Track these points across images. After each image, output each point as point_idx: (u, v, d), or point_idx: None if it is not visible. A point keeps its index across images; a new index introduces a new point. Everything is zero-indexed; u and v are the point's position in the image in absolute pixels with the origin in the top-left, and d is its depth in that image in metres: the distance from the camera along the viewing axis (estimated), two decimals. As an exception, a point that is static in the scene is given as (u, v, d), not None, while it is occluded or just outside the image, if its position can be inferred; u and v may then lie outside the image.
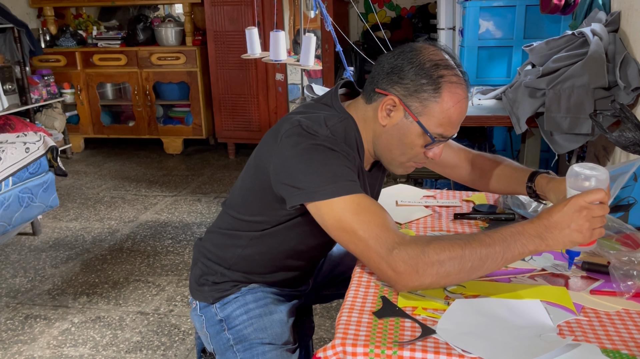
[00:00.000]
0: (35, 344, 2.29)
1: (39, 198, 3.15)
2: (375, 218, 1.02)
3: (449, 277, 0.98)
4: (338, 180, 1.05)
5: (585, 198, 0.96)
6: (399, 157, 1.18)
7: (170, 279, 2.80)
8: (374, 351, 0.91)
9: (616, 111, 1.53)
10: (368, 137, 1.20)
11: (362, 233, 1.01)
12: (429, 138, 1.13)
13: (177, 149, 5.16)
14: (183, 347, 2.24)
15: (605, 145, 2.24)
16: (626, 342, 0.92)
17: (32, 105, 4.57)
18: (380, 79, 1.15)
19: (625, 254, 1.11)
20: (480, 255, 0.97)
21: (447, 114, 1.10)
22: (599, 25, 2.12)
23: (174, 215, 3.68)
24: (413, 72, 1.10)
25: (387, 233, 1.00)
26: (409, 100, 1.11)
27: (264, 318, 1.26)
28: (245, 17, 4.61)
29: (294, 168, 1.08)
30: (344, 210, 1.03)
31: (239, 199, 1.28)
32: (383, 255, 0.99)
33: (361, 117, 1.19)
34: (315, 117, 1.16)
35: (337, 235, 1.06)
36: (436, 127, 1.11)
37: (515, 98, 2.25)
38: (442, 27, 4.06)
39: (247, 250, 1.29)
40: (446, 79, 1.10)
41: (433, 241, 0.99)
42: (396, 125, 1.14)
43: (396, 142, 1.16)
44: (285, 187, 1.10)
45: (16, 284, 2.80)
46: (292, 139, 1.10)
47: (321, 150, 1.08)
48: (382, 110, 1.14)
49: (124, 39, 5.06)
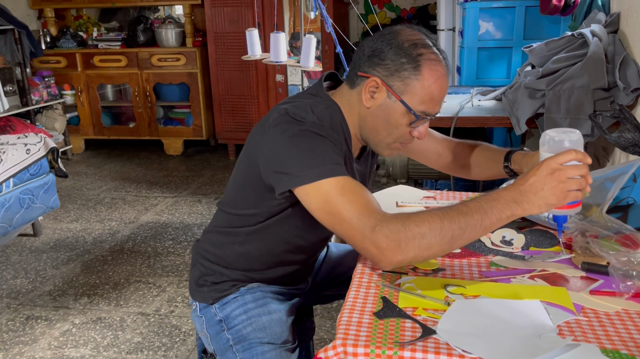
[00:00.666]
0: (36, 345, 2.30)
1: (39, 200, 3.15)
2: (358, 198, 1.04)
3: (431, 249, 1.00)
4: (324, 164, 1.07)
5: (556, 159, 0.97)
6: (385, 137, 1.20)
7: (171, 280, 2.81)
8: (375, 351, 0.92)
9: (615, 112, 1.54)
10: (354, 121, 1.22)
11: (346, 213, 1.03)
12: (413, 117, 1.15)
13: (177, 150, 5.17)
14: (184, 348, 2.24)
15: (605, 146, 2.24)
16: (626, 342, 0.93)
17: (32, 106, 4.57)
18: (361, 63, 1.18)
19: (624, 254, 1.12)
20: (460, 225, 0.99)
21: (428, 91, 1.13)
22: (598, 26, 2.13)
23: (175, 216, 3.69)
24: (392, 53, 1.13)
25: (370, 212, 1.02)
26: (391, 80, 1.14)
27: (262, 317, 1.26)
28: (246, 18, 4.62)
29: (282, 154, 1.11)
30: (329, 193, 1.05)
31: (232, 194, 1.30)
32: (366, 234, 1.01)
33: (346, 103, 1.22)
34: (301, 104, 1.18)
35: (323, 218, 1.08)
36: (419, 105, 1.14)
37: (515, 99, 2.25)
38: (442, 28, 4.07)
39: (244, 246, 1.29)
40: (425, 57, 1.13)
41: (413, 215, 1.01)
42: (380, 106, 1.17)
43: (382, 122, 1.18)
44: (274, 175, 1.13)
45: (17, 285, 2.81)
46: (279, 127, 1.13)
47: (308, 135, 1.11)
48: (365, 93, 1.17)
49: (124, 40, 5.06)
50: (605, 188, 1.29)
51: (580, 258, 1.22)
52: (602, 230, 1.22)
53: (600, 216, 1.25)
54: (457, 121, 2.29)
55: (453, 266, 1.21)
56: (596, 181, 1.33)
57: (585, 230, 1.24)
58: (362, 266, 1.21)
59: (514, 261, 1.22)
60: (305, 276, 1.45)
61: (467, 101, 2.54)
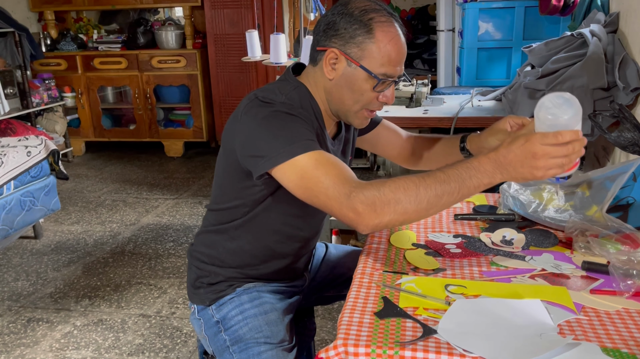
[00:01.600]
0: (37, 347, 2.30)
1: (40, 202, 3.16)
2: (332, 169, 1.07)
3: (407, 214, 1.02)
4: (296, 140, 1.10)
5: (543, 141, 0.96)
6: (353, 106, 1.22)
7: (172, 281, 2.81)
8: (376, 351, 0.92)
9: (615, 111, 1.54)
10: (322, 97, 1.25)
11: (322, 185, 1.06)
12: (375, 80, 1.17)
13: (178, 152, 5.17)
14: (185, 349, 2.24)
15: (604, 146, 2.24)
16: (626, 341, 0.93)
17: (33, 109, 4.58)
18: (319, 38, 1.21)
19: (625, 253, 1.12)
20: (436, 192, 1.01)
21: (385, 52, 1.16)
22: (597, 26, 2.13)
23: (175, 217, 3.69)
24: (345, 22, 1.17)
25: (344, 181, 1.05)
26: (347, 47, 1.17)
27: (259, 317, 1.27)
28: (245, 20, 4.62)
29: (255, 138, 1.14)
30: (304, 168, 1.08)
31: (216, 190, 1.33)
32: (342, 201, 1.04)
33: (312, 82, 1.25)
34: (270, 88, 1.23)
35: (301, 194, 1.10)
36: (379, 68, 1.17)
37: (515, 99, 2.25)
38: (442, 29, 4.08)
39: (235, 241, 1.31)
40: (376, 20, 1.16)
41: (388, 181, 1.03)
42: (342, 75, 1.19)
43: (346, 91, 1.20)
44: (250, 159, 1.16)
45: (18, 287, 2.81)
46: (251, 112, 1.16)
47: (279, 115, 1.14)
48: (326, 66, 1.20)
49: (124, 42, 5.07)
50: (605, 188, 1.29)
51: (580, 257, 1.22)
52: (602, 229, 1.22)
53: (600, 215, 1.25)
54: (457, 121, 2.29)
55: (453, 266, 1.21)
56: (596, 180, 1.33)
57: (586, 229, 1.24)
58: (363, 267, 1.21)
59: (515, 261, 1.22)
60: (302, 271, 1.45)
61: (467, 101, 2.54)
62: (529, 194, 1.39)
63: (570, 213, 1.33)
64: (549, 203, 1.36)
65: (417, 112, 2.47)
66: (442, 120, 2.35)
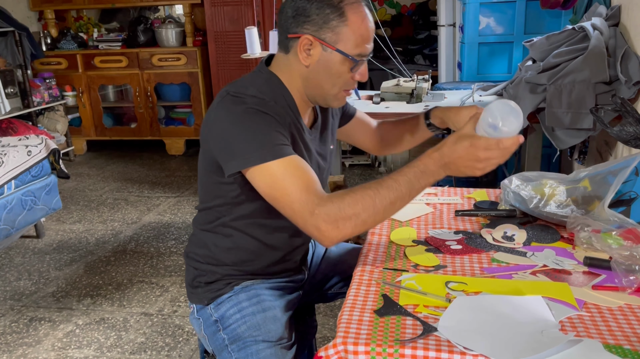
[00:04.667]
0: (40, 346, 2.30)
1: (41, 201, 3.16)
2: (298, 181, 1.10)
3: (366, 224, 1.10)
4: (267, 145, 1.12)
5: (486, 147, 1.04)
6: (331, 89, 1.23)
7: (173, 280, 2.81)
8: (376, 349, 0.91)
9: (617, 105, 1.53)
10: (297, 85, 1.24)
11: (288, 199, 1.11)
12: (352, 62, 1.19)
13: (179, 150, 5.17)
14: (187, 348, 2.24)
15: (607, 140, 2.23)
16: (629, 337, 0.92)
17: (34, 108, 4.58)
18: (288, 25, 1.20)
19: (627, 249, 1.11)
20: (390, 200, 1.08)
21: (359, 33, 1.17)
22: (599, 19, 2.12)
23: (177, 215, 3.69)
24: (315, 7, 1.16)
25: (308, 197, 1.09)
26: (322, 33, 1.17)
27: (257, 315, 1.26)
28: (245, 17, 4.61)
29: (227, 136, 1.15)
30: (273, 176, 1.11)
31: (200, 190, 1.34)
32: (307, 218, 1.09)
33: (285, 70, 1.24)
34: (240, 82, 1.23)
35: (270, 200, 1.14)
36: (354, 49, 1.18)
37: (516, 94, 2.24)
38: (443, 24, 4.06)
39: (226, 239, 1.31)
40: (346, 2, 1.16)
41: (347, 196, 1.09)
42: (319, 61, 1.19)
43: (324, 76, 1.21)
44: (222, 157, 1.17)
45: (20, 287, 2.81)
46: (222, 110, 1.17)
47: (251, 114, 1.14)
48: (301, 52, 1.19)
49: (124, 40, 5.06)
50: (608, 182, 1.28)
51: (582, 252, 1.21)
52: (605, 224, 1.21)
53: (602, 210, 1.24)
54: (458, 117, 2.28)
55: (454, 262, 1.20)
56: (598, 175, 1.32)
57: (588, 225, 1.23)
58: (363, 264, 1.20)
59: (516, 257, 1.21)
60: (299, 265, 1.44)
61: (468, 96, 2.53)
62: (530, 189, 1.38)
63: (572, 208, 1.32)
64: (550, 199, 1.35)
65: (418, 107, 2.46)
66: (443, 115, 2.33)
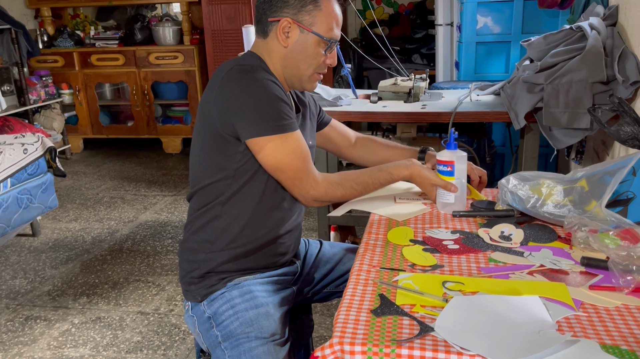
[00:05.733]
0: (35, 345, 2.29)
1: (37, 199, 3.14)
2: (302, 163, 1.29)
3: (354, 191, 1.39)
4: (278, 119, 1.24)
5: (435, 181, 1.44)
6: (307, 70, 1.35)
7: (170, 279, 2.80)
8: (372, 349, 0.91)
9: (615, 105, 1.52)
10: (277, 67, 1.36)
11: (291, 174, 1.29)
12: (326, 43, 1.33)
13: (176, 148, 5.16)
14: (184, 347, 2.24)
15: (604, 140, 2.23)
16: (626, 338, 0.92)
17: (30, 106, 4.56)
18: (267, 10, 1.32)
19: (624, 249, 1.10)
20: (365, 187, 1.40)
21: (332, 17, 1.32)
22: (596, 19, 2.11)
23: (174, 214, 3.68)
24: None
25: (308, 177, 1.30)
26: (299, 16, 1.30)
27: (249, 311, 1.26)
28: (243, 16, 4.60)
29: (239, 103, 1.24)
30: (283, 153, 1.25)
31: (196, 172, 1.36)
32: (303, 194, 1.32)
33: (266, 54, 1.35)
34: (239, 59, 1.35)
35: (271, 172, 1.29)
36: (327, 32, 1.32)
37: (514, 93, 2.24)
38: (440, 23, 4.06)
39: (222, 219, 1.32)
40: None
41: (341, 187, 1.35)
42: (297, 42, 1.32)
43: (301, 56, 1.33)
44: (236, 123, 1.24)
45: (16, 285, 2.80)
46: (231, 79, 1.26)
47: (262, 83, 1.25)
48: (280, 34, 1.31)
49: (121, 38, 5.05)
50: (605, 182, 1.28)
51: (579, 252, 1.21)
52: (602, 224, 1.21)
53: (599, 210, 1.24)
54: (455, 116, 2.28)
55: (451, 262, 1.20)
56: (596, 175, 1.32)
57: (585, 225, 1.23)
58: (359, 263, 1.20)
59: (513, 257, 1.21)
60: (290, 256, 1.45)
61: (465, 96, 2.53)
62: (528, 189, 1.38)
63: (569, 208, 1.32)
64: (547, 199, 1.34)
65: (415, 107, 2.46)
66: (441, 115, 2.33)
